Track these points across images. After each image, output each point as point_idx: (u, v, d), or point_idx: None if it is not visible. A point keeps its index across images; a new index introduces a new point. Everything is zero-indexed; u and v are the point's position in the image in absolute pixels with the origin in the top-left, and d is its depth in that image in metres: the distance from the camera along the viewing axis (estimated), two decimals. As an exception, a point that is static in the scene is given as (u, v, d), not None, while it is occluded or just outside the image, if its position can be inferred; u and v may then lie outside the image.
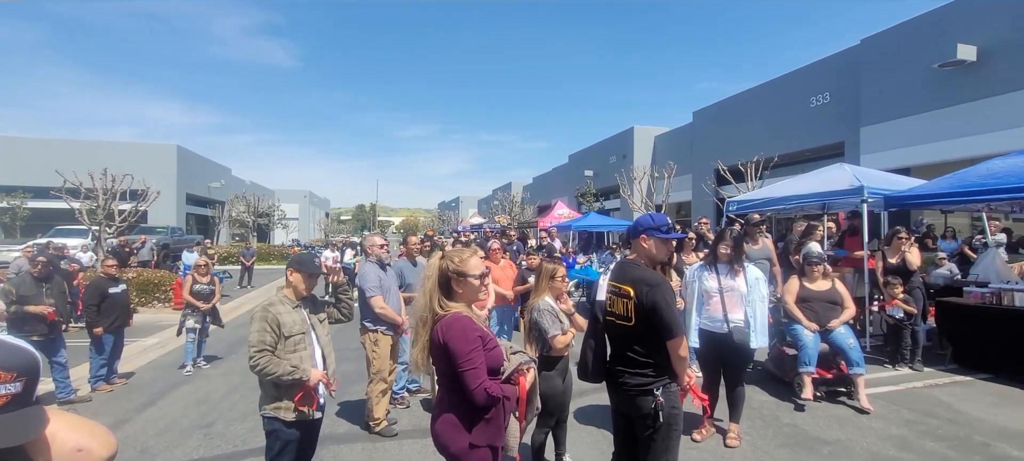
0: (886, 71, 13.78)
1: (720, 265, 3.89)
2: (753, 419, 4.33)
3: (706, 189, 19.08)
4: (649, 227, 2.42)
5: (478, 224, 27.74)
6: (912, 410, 4.50)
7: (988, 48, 11.47)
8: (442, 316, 2.02)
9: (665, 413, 2.27)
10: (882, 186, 6.95)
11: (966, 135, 11.60)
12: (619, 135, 28.93)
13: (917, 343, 5.80)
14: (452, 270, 2.08)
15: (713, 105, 22.18)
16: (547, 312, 3.18)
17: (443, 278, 2.09)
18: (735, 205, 8.69)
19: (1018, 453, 3.62)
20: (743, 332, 3.71)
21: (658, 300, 2.23)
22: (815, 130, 16.49)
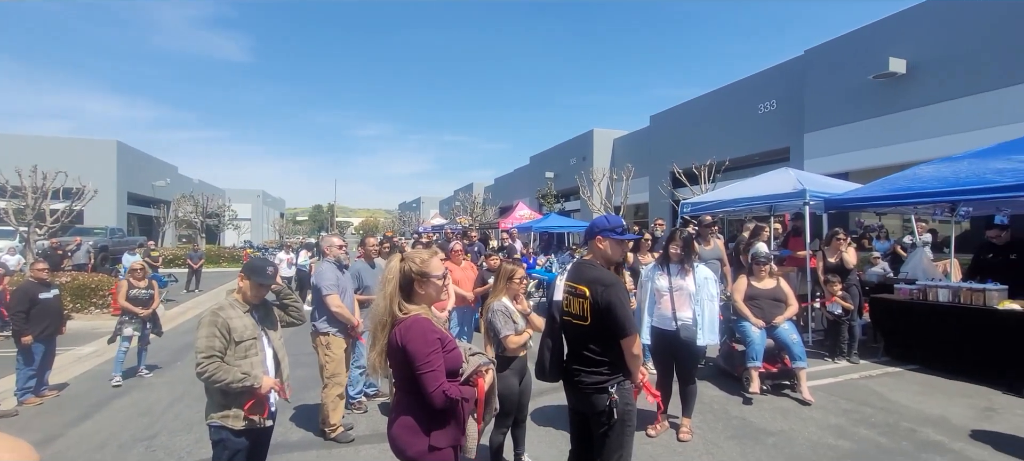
0: (827, 81, 14.60)
1: (671, 265, 4.02)
2: (704, 413, 4.49)
3: (662, 191, 19.66)
4: (604, 229, 2.49)
5: (439, 225, 27.53)
6: (849, 400, 4.78)
7: (916, 62, 12.36)
8: (402, 319, 2.01)
9: (619, 410, 2.33)
10: (822, 190, 7.36)
11: (897, 142, 12.45)
12: (579, 137, 29.38)
13: (854, 337, 6.18)
14: (415, 271, 2.06)
15: (669, 110, 22.86)
16: (500, 312, 3.20)
17: (405, 280, 2.08)
18: (689, 207, 9.00)
19: (939, 437, 3.92)
20: (690, 330, 3.84)
21: (612, 299, 2.29)
22: (763, 135, 17.28)
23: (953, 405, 4.61)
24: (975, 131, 10.30)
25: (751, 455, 3.71)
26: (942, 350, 5.63)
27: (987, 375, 5.15)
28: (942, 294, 5.75)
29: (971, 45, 11.31)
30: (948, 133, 11.18)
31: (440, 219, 33.40)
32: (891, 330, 6.27)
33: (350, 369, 4.53)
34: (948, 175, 5.95)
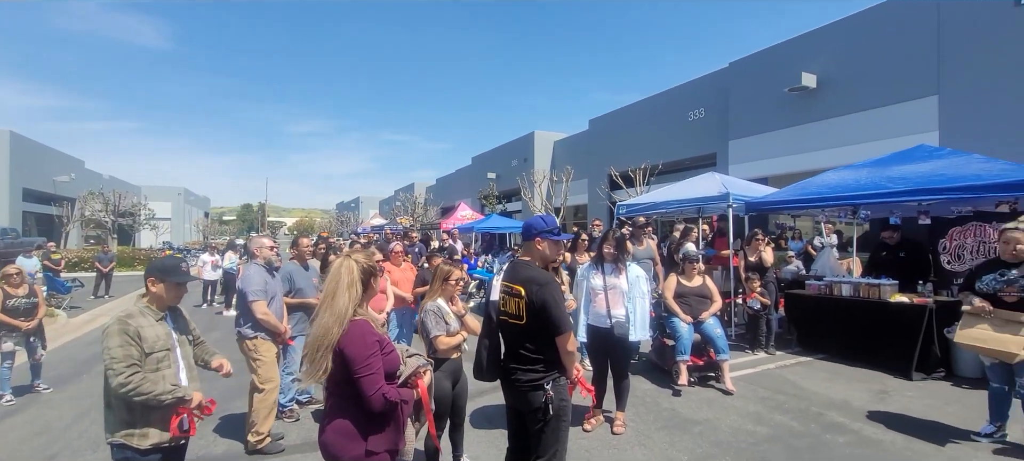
0: (749, 92, 15.65)
1: (606, 264, 4.17)
2: (637, 406, 4.68)
3: (600, 193, 20.27)
4: (544, 230, 2.55)
5: (379, 225, 26.85)
6: (766, 389, 5.16)
7: (825, 78, 13.53)
8: (356, 319, 1.96)
9: (555, 406, 2.39)
10: (744, 193, 7.90)
11: (810, 150, 13.56)
12: (521, 139, 29.68)
13: (771, 330, 6.67)
14: (371, 267, 2.08)
15: (607, 114, 23.60)
16: (433, 313, 3.18)
17: (367, 277, 2.05)
18: (625, 208, 9.34)
19: (842, 419, 4.32)
20: (623, 326, 4.00)
21: (547, 298, 2.35)
22: (693, 141, 18.24)
23: (854, 390, 5.09)
24: (875, 141, 11.41)
25: (679, 444, 3.91)
26: (845, 340, 6.20)
27: (882, 361, 5.72)
28: (845, 289, 6.33)
29: (871, 65, 12.54)
30: (852, 143, 12.31)
31: (380, 219, 32.58)
32: (803, 323, 6.82)
33: (280, 376, 4.32)
34: (850, 181, 6.57)
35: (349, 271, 2.00)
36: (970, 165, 5.76)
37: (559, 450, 2.46)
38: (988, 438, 3.78)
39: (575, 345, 2.51)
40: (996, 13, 10.33)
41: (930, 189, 5.68)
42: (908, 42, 11.80)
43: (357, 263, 2.04)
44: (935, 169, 5.93)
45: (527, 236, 2.58)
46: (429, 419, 2.26)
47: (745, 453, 3.72)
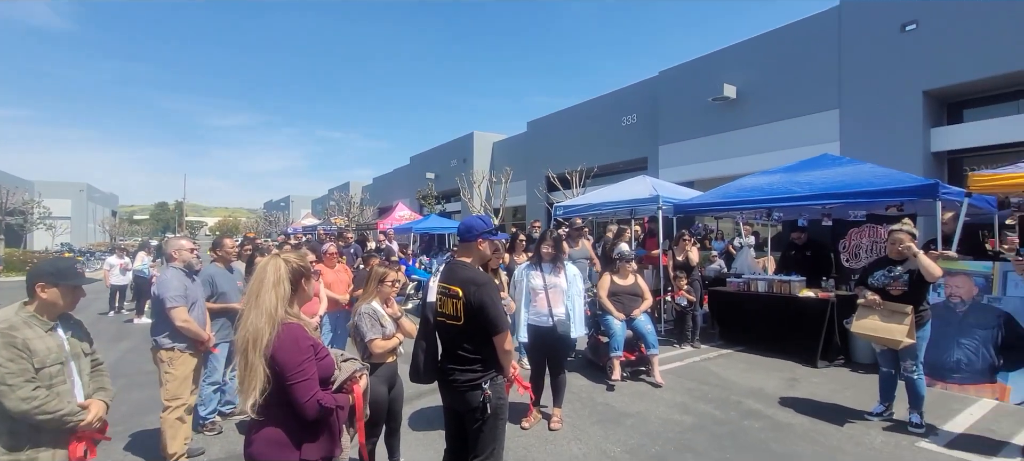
0: (677, 100, 16.53)
1: (544, 264, 4.26)
2: (573, 402, 4.82)
3: (539, 194, 20.60)
4: (484, 231, 2.59)
5: (312, 226, 25.71)
6: (692, 380, 5.48)
7: (744, 89, 14.56)
8: (288, 322, 1.87)
9: (493, 405, 2.42)
10: (673, 196, 8.34)
11: (731, 157, 14.53)
12: (460, 139, 29.56)
13: (696, 325, 7.09)
14: (302, 267, 1.99)
15: (545, 117, 24.03)
16: (367, 315, 3.12)
17: (296, 278, 1.96)
18: (562, 210, 9.57)
19: (758, 406, 4.67)
20: (565, 324, 4.12)
21: (485, 298, 2.38)
22: (626, 145, 18.99)
23: (769, 378, 5.52)
24: (786, 150, 12.42)
25: (613, 437, 4.07)
26: (761, 332, 6.71)
27: (792, 351, 6.25)
28: (760, 286, 6.85)
29: (783, 79, 13.65)
30: (767, 151, 13.32)
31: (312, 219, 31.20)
32: (725, 318, 7.31)
33: (201, 386, 4.05)
34: (765, 186, 7.12)
35: (276, 270, 1.90)
36: (864, 173, 6.42)
37: (496, 448, 2.50)
38: (878, 416, 4.25)
39: (512, 344, 2.55)
40: (886, 37, 11.57)
41: (831, 194, 6.29)
42: (813, 60, 12.96)
43: (286, 262, 1.96)
44: (836, 176, 6.56)
45: (467, 237, 2.59)
46: (359, 427, 2.20)
47: (673, 442, 3.93)
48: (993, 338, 4.77)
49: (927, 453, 3.65)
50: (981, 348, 4.84)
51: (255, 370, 1.77)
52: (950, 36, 10.54)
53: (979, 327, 4.86)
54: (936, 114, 11.56)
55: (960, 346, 4.93)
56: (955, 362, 4.94)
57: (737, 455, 3.69)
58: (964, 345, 4.92)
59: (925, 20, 11.01)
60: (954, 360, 4.95)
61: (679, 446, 3.86)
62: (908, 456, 3.61)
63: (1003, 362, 4.68)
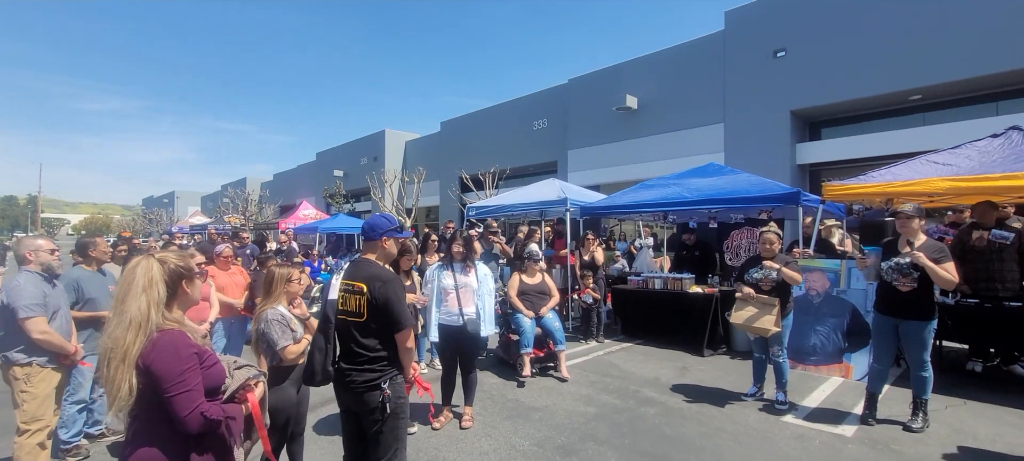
0: (585, 107, 17.36)
1: (455, 264, 4.30)
2: (484, 400, 4.89)
3: (452, 195, 20.52)
4: (389, 229, 2.59)
5: (201, 225, 23.43)
6: (596, 373, 5.80)
7: (644, 101, 15.66)
8: (166, 329, 1.72)
9: (393, 404, 2.41)
10: (580, 199, 8.76)
11: (633, 163, 15.55)
12: (371, 137, 28.62)
13: (601, 321, 7.51)
14: (182, 268, 1.84)
15: (459, 118, 24.03)
16: (276, 322, 2.96)
17: (173, 280, 1.80)
18: (475, 210, 9.64)
19: (653, 394, 5.07)
20: (475, 323, 4.18)
21: (390, 295, 2.38)
22: (537, 149, 19.56)
23: (663, 368, 5.99)
24: (680, 158, 13.55)
25: (521, 431, 4.20)
26: (658, 326, 7.26)
27: (683, 342, 6.83)
28: (657, 283, 7.42)
29: (679, 93, 14.87)
30: (665, 159, 14.44)
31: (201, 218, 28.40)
32: (626, 314, 7.81)
33: (63, 406, 3.57)
34: (661, 191, 7.73)
35: (146, 271, 1.74)
36: (743, 181, 7.21)
37: (399, 449, 2.48)
38: (752, 397, 4.80)
39: (413, 342, 2.54)
40: (761, 61, 13.04)
41: (716, 199, 6.99)
42: (702, 78, 14.27)
43: (161, 263, 1.80)
44: (720, 184, 7.30)
45: (372, 235, 2.58)
46: (263, 436, 2.10)
47: (577, 432, 4.15)
48: (841, 325, 5.60)
49: (790, 426, 4.19)
50: (832, 334, 5.65)
51: (117, 383, 1.63)
52: (813, 64, 12.14)
53: (830, 316, 5.68)
54: (801, 131, 13.25)
55: (816, 332, 5.73)
56: (812, 346, 5.72)
57: (634, 440, 3.98)
58: (819, 331, 5.72)
59: (793, 48, 12.56)
60: (811, 345, 5.73)
61: (583, 436, 4.07)
62: (775, 430, 4.13)
63: (848, 345, 5.51)
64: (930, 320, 3.97)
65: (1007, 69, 9.81)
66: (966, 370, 5.42)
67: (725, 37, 13.79)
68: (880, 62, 11.09)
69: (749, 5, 13.37)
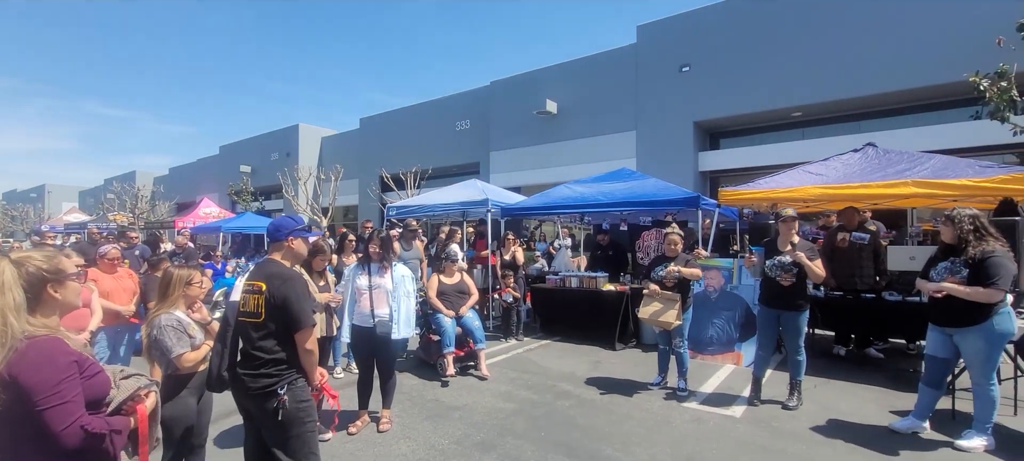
0: (506, 110, 17.62)
1: (372, 264, 4.22)
2: (404, 402, 4.85)
3: (371, 194, 19.94)
4: (295, 229, 2.53)
5: (78, 223, 20.77)
6: (515, 370, 5.95)
7: (563, 106, 16.21)
8: (37, 337, 1.55)
9: (291, 409, 2.32)
10: (501, 199, 8.91)
11: (553, 166, 16.03)
12: (283, 131, 26.99)
13: (520, 320, 7.69)
14: (46, 270, 1.65)
15: (379, 115, 23.38)
16: (171, 328, 2.76)
17: (35, 285, 1.61)
18: (395, 210, 9.47)
19: (569, 387, 5.30)
20: (386, 325, 4.09)
21: (289, 293, 2.32)
22: (459, 149, 19.55)
23: (578, 363, 6.27)
24: (596, 162, 14.19)
25: (441, 430, 4.22)
26: (574, 323, 7.58)
27: (597, 337, 7.19)
28: (574, 282, 7.74)
29: (593, 101, 15.56)
30: (582, 163, 15.05)
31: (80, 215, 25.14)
32: (545, 311, 8.06)
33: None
34: (578, 194, 8.08)
35: (4, 280, 1.56)
36: (651, 186, 7.72)
37: (311, 457, 2.41)
38: (657, 386, 5.18)
39: (315, 344, 2.47)
40: (668, 74, 14.01)
41: (628, 202, 7.44)
42: (616, 87, 15.05)
43: (16, 265, 1.62)
44: (631, 188, 7.76)
45: (277, 236, 2.51)
46: (143, 453, 1.93)
47: (496, 428, 4.24)
48: (734, 318, 6.19)
49: (689, 411, 4.58)
50: (726, 325, 6.23)
51: None
52: (713, 80, 13.25)
53: (725, 309, 6.26)
54: (703, 141, 14.40)
55: (713, 324, 6.29)
56: (709, 337, 6.28)
57: (549, 432, 4.15)
58: (715, 324, 6.28)
59: (696, 64, 13.62)
60: (709, 336, 6.28)
61: (501, 431, 4.18)
62: (676, 415, 4.49)
63: (739, 335, 6.11)
64: (805, 311, 4.53)
65: (867, 93, 11.36)
66: (832, 354, 6.22)
67: (637, 50, 14.66)
68: (769, 82, 12.36)
69: (659, 22, 14.32)
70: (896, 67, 10.77)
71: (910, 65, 10.60)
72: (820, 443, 3.87)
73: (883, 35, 10.92)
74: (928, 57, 10.31)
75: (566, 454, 3.74)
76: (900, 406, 4.46)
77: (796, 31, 12.02)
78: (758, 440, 3.94)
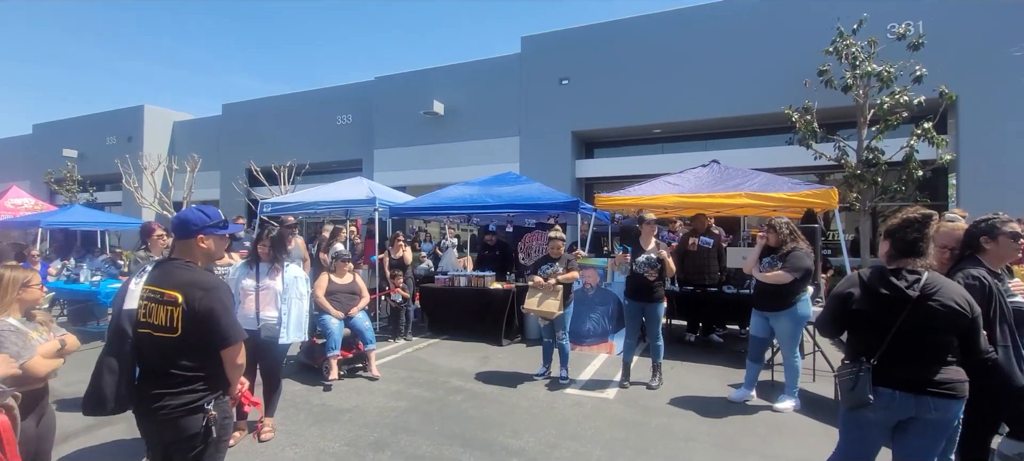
0: (392, 108, 17.25)
1: (261, 264, 3.98)
2: (287, 408, 4.61)
3: (237, 188, 18.16)
4: (207, 225, 2.24)
5: None
6: (406, 369, 5.95)
7: (450, 107, 16.35)
8: None
9: (218, 427, 2.15)
10: (388, 199, 8.78)
11: (440, 167, 16.07)
12: (124, 112, 23.29)
13: (409, 319, 7.67)
14: None
15: (246, 102, 21.33)
16: (9, 332, 2.39)
17: None
18: (269, 206, 8.81)
19: (459, 383, 5.46)
20: (272, 329, 3.90)
21: (215, 305, 2.09)
22: (340, 145, 18.66)
23: (468, 359, 6.47)
24: (484, 166, 14.54)
25: (330, 433, 4.12)
26: (463, 321, 7.76)
27: (485, 334, 7.46)
28: (462, 281, 7.93)
29: (482, 104, 15.95)
30: (469, 165, 15.31)
31: None
32: (433, 311, 8.13)
33: None
34: (466, 195, 8.29)
35: None
36: (535, 190, 8.23)
37: None
38: (542, 376, 5.58)
39: (244, 358, 2.26)
40: (549, 85, 14.89)
41: (513, 205, 7.84)
42: (503, 94, 15.61)
43: None
44: (517, 191, 8.19)
45: (185, 233, 2.22)
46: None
47: (389, 426, 4.25)
48: (608, 312, 6.87)
49: (570, 397, 5.03)
50: (601, 319, 6.89)
51: None
52: (590, 94, 14.37)
53: (600, 304, 6.92)
54: (579, 150, 15.53)
55: (589, 319, 6.91)
56: (587, 330, 6.89)
57: (443, 426, 4.28)
58: (592, 317, 6.91)
59: (575, 77, 14.66)
60: (586, 329, 6.89)
61: (395, 429, 4.20)
62: (559, 401, 4.90)
63: (612, 327, 6.81)
64: (663, 302, 5.23)
65: (713, 116, 13.26)
66: (685, 341, 7.22)
67: (521, 59, 15.35)
68: (636, 100, 13.79)
69: (542, 35, 15.16)
70: (735, 96, 12.73)
71: (745, 96, 12.60)
72: (676, 415, 4.54)
73: (727, 69, 12.83)
74: (758, 90, 12.35)
75: (461, 445, 3.91)
76: (736, 380, 5.38)
77: (659, 58, 13.58)
78: (628, 416, 4.48)
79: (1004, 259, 2.78)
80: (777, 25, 12.30)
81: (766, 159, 11.80)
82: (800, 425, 4.34)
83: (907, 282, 2.29)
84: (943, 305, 2.23)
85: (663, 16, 13.77)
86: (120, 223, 14.65)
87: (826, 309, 2.62)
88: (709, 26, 13.13)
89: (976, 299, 2.33)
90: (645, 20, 13.91)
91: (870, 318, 2.36)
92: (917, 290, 2.26)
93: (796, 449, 3.86)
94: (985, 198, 8.90)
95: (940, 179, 11.71)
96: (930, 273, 2.32)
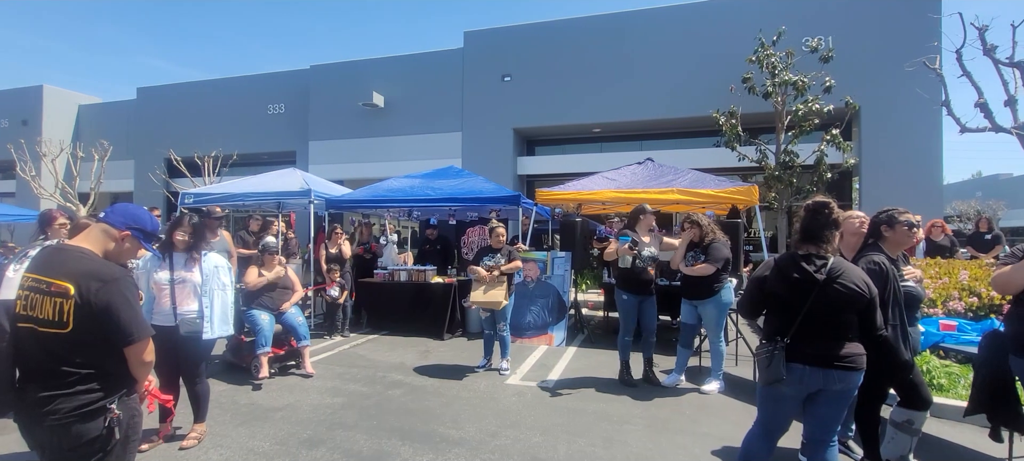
0: (328, 98, 16.61)
1: (176, 255, 3.70)
2: (213, 409, 4.29)
3: (155, 179, 16.83)
4: (144, 228, 2.13)
5: None
6: (342, 366, 5.77)
7: (391, 100, 15.98)
8: None
9: (124, 427, 1.94)
10: (325, 191, 8.45)
11: (379, 160, 15.68)
12: (19, 92, 20.86)
13: (346, 315, 7.44)
14: None
15: (164, 86, 19.77)
16: None
17: None
18: (192, 197, 8.22)
19: (400, 377, 5.37)
20: (192, 323, 3.62)
21: (115, 299, 1.87)
22: (272, 136, 17.73)
23: (408, 354, 6.36)
24: (424, 159, 14.34)
25: (260, 433, 3.92)
26: (403, 316, 7.62)
27: (426, 328, 7.37)
28: (402, 276, 7.79)
29: (424, 98, 15.70)
30: (410, 159, 15.04)
31: None
32: (372, 306, 7.93)
33: None
34: (407, 189, 8.14)
35: None
36: (478, 184, 8.22)
37: None
38: (483, 368, 5.59)
39: (153, 355, 2.05)
40: (492, 82, 14.90)
41: (455, 199, 7.79)
42: (444, 88, 15.48)
43: None
44: (459, 185, 8.14)
45: (110, 221, 2.05)
46: None
47: (324, 423, 4.11)
48: (548, 304, 6.99)
49: (512, 387, 5.08)
50: (541, 311, 7.00)
51: None
52: (530, 92, 14.54)
53: (540, 297, 7.03)
54: (521, 146, 15.68)
55: (530, 311, 7.00)
56: (528, 322, 6.98)
57: (382, 420, 4.19)
58: (532, 310, 7.01)
59: (516, 75, 14.78)
60: (527, 321, 6.98)
61: (331, 425, 4.07)
62: (500, 391, 4.94)
63: (552, 319, 6.94)
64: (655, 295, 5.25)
65: (647, 118, 13.82)
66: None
67: (464, 55, 15.26)
68: (575, 99, 14.11)
69: (484, 31, 15.15)
70: (669, 99, 13.34)
71: (678, 99, 13.24)
72: (612, 400, 4.70)
73: (662, 73, 13.42)
74: (690, 94, 13.01)
75: (401, 438, 3.84)
76: (668, 366, 5.65)
77: (599, 60, 13.97)
78: (567, 404, 4.60)
79: (901, 246, 3.13)
80: (707, 33, 13.02)
81: (695, 159, 12.46)
82: (724, 405, 4.64)
83: (815, 266, 2.51)
84: (846, 287, 2.47)
85: (603, 19, 14.19)
86: (12, 216, 13.12)
87: (745, 292, 2.84)
88: (646, 32, 13.68)
89: (875, 282, 2.60)
90: (586, 21, 14.27)
91: (783, 300, 2.57)
92: (824, 274, 2.48)
93: (720, 426, 4.12)
94: (885, 199, 9.89)
95: (846, 182, 12.89)
96: (835, 258, 2.57)
